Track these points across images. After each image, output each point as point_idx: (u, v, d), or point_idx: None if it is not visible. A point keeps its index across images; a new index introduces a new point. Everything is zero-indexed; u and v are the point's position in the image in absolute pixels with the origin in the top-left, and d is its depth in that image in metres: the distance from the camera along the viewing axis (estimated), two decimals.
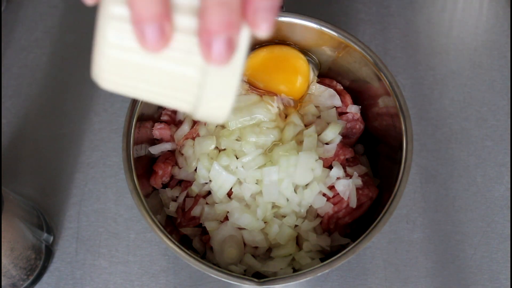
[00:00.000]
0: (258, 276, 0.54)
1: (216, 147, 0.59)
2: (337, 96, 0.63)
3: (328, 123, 0.61)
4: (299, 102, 0.63)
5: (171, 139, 0.62)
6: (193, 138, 0.60)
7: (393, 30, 0.79)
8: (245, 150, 0.57)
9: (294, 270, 0.56)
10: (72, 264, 0.66)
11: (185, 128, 0.61)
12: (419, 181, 0.70)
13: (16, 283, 0.62)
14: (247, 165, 0.57)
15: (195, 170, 0.60)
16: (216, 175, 0.57)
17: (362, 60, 0.60)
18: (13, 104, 0.74)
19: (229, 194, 0.58)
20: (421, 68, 0.77)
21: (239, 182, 0.58)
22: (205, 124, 0.60)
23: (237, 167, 0.57)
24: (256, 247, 0.58)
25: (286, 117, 0.61)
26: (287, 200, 0.57)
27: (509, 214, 0.68)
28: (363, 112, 0.64)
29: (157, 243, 0.67)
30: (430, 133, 0.73)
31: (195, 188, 0.60)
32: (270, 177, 0.56)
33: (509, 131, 0.73)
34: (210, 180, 0.58)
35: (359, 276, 0.65)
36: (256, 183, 0.57)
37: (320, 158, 0.58)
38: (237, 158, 0.58)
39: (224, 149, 0.59)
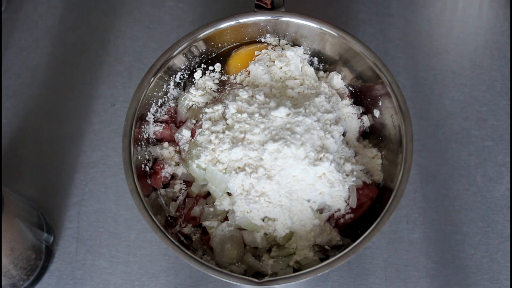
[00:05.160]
0: (258, 276, 0.54)
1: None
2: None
3: None
4: None
5: (171, 139, 0.62)
6: (193, 137, 0.60)
7: (393, 30, 0.79)
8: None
9: (294, 270, 0.56)
10: (72, 264, 0.66)
11: (186, 130, 0.61)
12: (419, 181, 0.70)
13: (16, 283, 0.62)
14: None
15: None
16: (212, 176, 0.57)
17: (362, 60, 0.60)
18: (13, 104, 0.74)
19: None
20: (421, 68, 0.77)
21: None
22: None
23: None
24: (256, 247, 0.58)
25: None
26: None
27: (509, 214, 0.68)
28: (363, 112, 0.64)
29: (157, 243, 0.67)
30: (430, 133, 0.73)
31: (194, 189, 0.60)
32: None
33: (509, 131, 0.73)
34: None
35: (359, 276, 0.65)
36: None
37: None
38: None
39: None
